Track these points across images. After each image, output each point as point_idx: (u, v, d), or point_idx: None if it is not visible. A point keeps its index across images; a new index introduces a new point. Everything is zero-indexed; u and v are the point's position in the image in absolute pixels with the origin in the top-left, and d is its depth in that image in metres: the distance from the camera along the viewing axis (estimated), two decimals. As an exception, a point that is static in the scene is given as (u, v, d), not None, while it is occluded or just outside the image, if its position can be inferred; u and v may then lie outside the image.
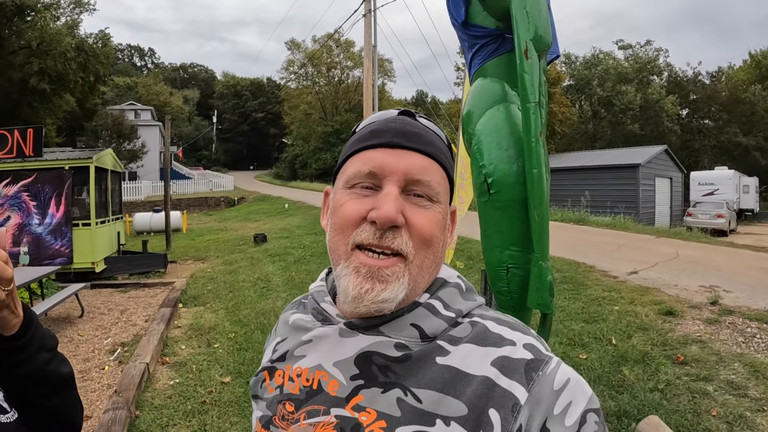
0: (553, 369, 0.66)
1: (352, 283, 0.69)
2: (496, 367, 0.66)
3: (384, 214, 0.67)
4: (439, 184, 0.74)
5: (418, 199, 0.72)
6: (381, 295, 0.68)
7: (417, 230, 0.70)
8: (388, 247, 0.69)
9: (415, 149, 0.73)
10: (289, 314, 0.88)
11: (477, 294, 0.81)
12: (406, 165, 0.72)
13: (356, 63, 51.58)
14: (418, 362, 0.69)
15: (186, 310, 7.63)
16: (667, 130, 40.69)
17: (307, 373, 0.76)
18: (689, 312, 6.42)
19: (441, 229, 0.74)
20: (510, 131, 2.39)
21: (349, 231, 0.71)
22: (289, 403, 0.76)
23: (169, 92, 66.48)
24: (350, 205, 0.72)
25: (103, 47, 28.55)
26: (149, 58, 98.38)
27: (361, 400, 0.69)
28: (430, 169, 0.73)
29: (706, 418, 3.94)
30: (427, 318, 0.72)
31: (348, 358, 0.72)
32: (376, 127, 0.77)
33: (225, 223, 21.57)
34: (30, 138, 9.75)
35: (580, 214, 18.82)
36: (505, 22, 2.46)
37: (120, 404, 4.13)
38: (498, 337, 0.70)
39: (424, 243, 0.71)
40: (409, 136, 0.74)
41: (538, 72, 2.26)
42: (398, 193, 0.70)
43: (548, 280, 2.26)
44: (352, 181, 0.74)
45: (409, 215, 0.70)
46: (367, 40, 14.38)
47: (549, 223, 2.31)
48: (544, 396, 0.63)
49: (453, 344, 0.70)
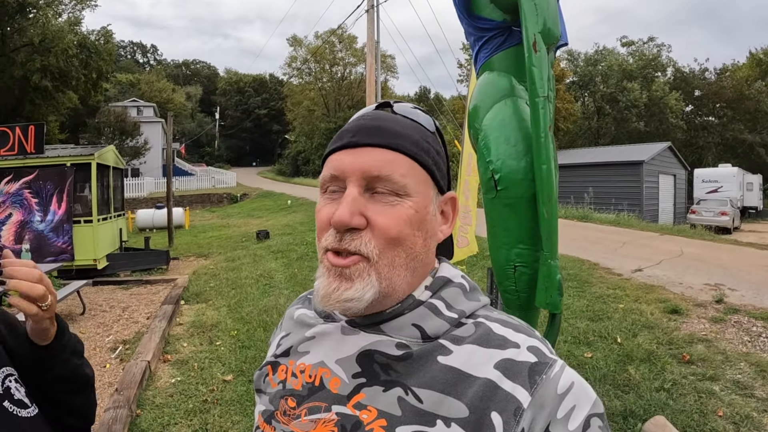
0: (557, 373, 0.65)
1: (323, 283, 0.70)
2: (499, 369, 0.65)
3: (337, 218, 0.68)
4: (405, 176, 0.71)
5: (383, 196, 0.70)
6: (345, 294, 0.68)
7: (380, 230, 0.69)
8: (346, 250, 0.69)
9: (374, 144, 0.71)
10: (294, 309, 0.89)
11: (482, 294, 0.79)
12: (363, 163, 0.70)
13: (359, 59, 51.52)
14: (420, 361, 0.68)
15: (188, 308, 7.61)
16: (672, 127, 40.56)
17: (310, 369, 0.76)
18: (694, 310, 6.39)
19: (413, 224, 0.71)
20: (518, 126, 2.34)
21: (321, 236, 0.72)
22: (291, 398, 0.76)
23: (171, 89, 66.42)
24: (322, 211, 0.73)
25: (106, 44, 28.50)
26: (152, 55, 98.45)
27: (363, 398, 0.69)
28: (394, 162, 0.70)
29: (713, 418, 3.91)
30: (429, 318, 0.71)
31: (350, 356, 0.72)
32: (343, 128, 0.77)
33: (227, 220, 21.57)
34: (31, 135, 9.72)
35: (583, 211, 18.79)
36: (512, 14, 2.40)
37: (121, 403, 4.10)
38: (502, 339, 0.69)
39: (390, 242, 0.69)
40: (369, 131, 0.73)
41: (547, 66, 2.21)
42: (357, 193, 0.69)
43: (557, 279, 2.21)
44: (324, 185, 0.75)
45: (372, 215, 0.69)
46: (370, 36, 14.33)
47: (558, 220, 2.26)
48: (548, 400, 0.62)
49: (456, 344, 0.69)
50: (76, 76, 26.09)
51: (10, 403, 0.87)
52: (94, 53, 27.15)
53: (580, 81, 43.99)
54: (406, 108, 0.80)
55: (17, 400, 0.89)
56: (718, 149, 42.32)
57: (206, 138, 70.77)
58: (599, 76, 42.03)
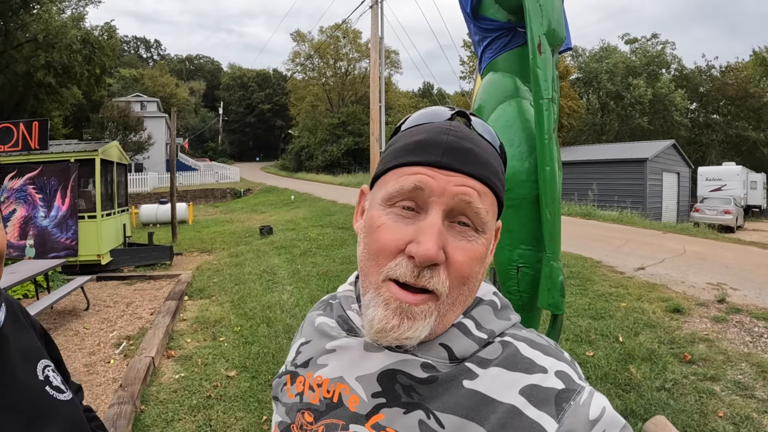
0: (586, 399, 0.62)
1: (379, 315, 0.65)
2: (525, 396, 0.62)
3: (424, 252, 0.61)
4: (488, 213, 0.67)
5: (464, 228, 0.66)
6: (406, 333, 0.64)
7: (456, 269, 0.64)
8: (423, 287, 0.64)
9: (468, 173, 0.66)
10: (316, 315, 0.86)
11: (513, 311, 0.76)
12: (454, 190, 0.64)
13: (363, 54, 51.45)
14: (444, 385, 0.65)
15: (192, 303, 7.63)
16: (677, 124, 40.42)
17: (328, 384, 0.74)
18: (696, 310, 6.39)
19: (481, 263, 0.67)
20: (522, 127, 2.35)
21: (384, 261, 0.66)
22: (309, 412, 0.74)
23: (175, 84, 66.47)
24: (387, 232, 0.66)
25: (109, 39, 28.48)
26: (155, 50, 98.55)
27: (382, 419, 0.66)
28: (482, 196, 0.66)
29: (713, 418, 3.92)
30: (458, 339, 0.68)
31: (371, 374, 0.70)
32: (424, 138, 0.68)
33: (231, 215, 21.57)
34: (35, 131, 9.74)
35: (586, 208, 18.76)
36: (517, 15, 2.41)
37: (125, 399, 4.13)
38: (529, 363, 0.65)
39: (461, 281, 0.65)
40: (462, 154, 0.66)
41: (551, 67, 2.21)
42: (441, 223, 0.64)
43: (560, 280, 2.22)
44: (393, 198, 0.67)
45: (451, 251, 0.64)
46: (374, 32, 14.31)
47: (561, 221, 2.27)
48: (579, 426, 0.59)
49: (482, 367, 0.66)
50: (79, 71, 26.09)
51: (50, 389, 1.00)
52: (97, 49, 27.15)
53: (585, 78, 43.84)
54: (486, 128, 0.73)
55: (56, 386, 1.01)
56: (722, 147, 42.15)
57: (210, 133, 70.84)
58: (604, 73, 41.84)
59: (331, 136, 47.85)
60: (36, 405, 0.95)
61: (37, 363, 1.02)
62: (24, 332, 1.07)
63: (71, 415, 1.01)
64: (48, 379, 1.01)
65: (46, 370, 1.03)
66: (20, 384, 0.95)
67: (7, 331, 0.99)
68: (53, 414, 0.97)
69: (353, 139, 46.53)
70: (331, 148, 46.96)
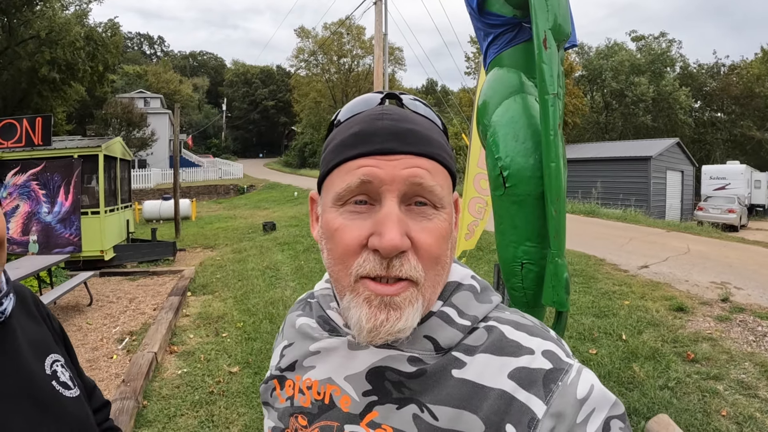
0: (574, 378, 0.61)
1: (365, 315, 0.63)
2: (514, 379, 0.61)
3: (388, 243, 0.59)
4: (443, 188, 0.65)
5: (422, 208, 0.64)
6: (397, 325, 0.62)
7: (425, 250, 0.63)
8: (396, 276, 0.62)
9: (413, 152, 0.64)
10: (295, 316, 0.84)
11: (493, 292, 0.75)
12: (403, 174, 0.62)
13: (367, 51, 51.38)
14: (434, 377, 0.65)
15: (194, 299, 7.64)
16: (681, 122, 40.27)
17: (318, 385, 0.73)
18: (700, 308, 6.37)
19: (447, 240, 0.66)
20: (527, 123, 2.33)
21: (350, 261, 0.63)
22: (302, 416, 0.73)
23: (178, 80, 66.53)
24: (346, 232, 0.64)
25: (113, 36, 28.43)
26: (159, 46, 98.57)
27: (376, 417, 0.66)
28: (433, 172, 0.64)
29: (716, 418, 3.92)
30: (441, 329, 0.67)
31: (359, 373, 0.69)
32: (360, 128, 0.66)
33: (234, 211, 21.60)
34: (39, 127, 9.75)
35: (590, 206, 18.74)
36: (522, 10, 2.39)
37: (128, 394, 4.14)
38: (515, 346, 0.64)
39: (432, 260, 0.63)
40: (403, 135, 0.64)
41: (557, 63, 2.20)
42: (399, 209, 0.62)
43: (564, 277, 2.21)
44: (343, 198, 0.65)
45: (415, 235, 0.62)
46: (378, 29, 14.28)
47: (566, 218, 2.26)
48: (567, 407, 0.59)
49: (469, 354, 0.65)
50: (82, 68, 26.07)
51: (57, 384, 0.99)
52: (101, 46, 27.11)
53: (589, 75, 43.71)
54: (419, 104, 0.71)
55: (62, 382, 1.01)
56: (727, 146, 41.98)
57: (213, 129, 70.87)
58: (609, 71, 41.70)
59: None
60: (40, 398, 0.94)
61: (46, 356, 1.02)
62: (35, 324, 1.07)
63: (77, 412, 1.00)
64: (55, 374, 1.01)
65: (55, 365, 1.03)
66: (25, 375, 0.94)
67: (15, 321, 0.99)
68: (58, 409, 0.96)
69: (357, 136, 46.41)
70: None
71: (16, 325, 0.98)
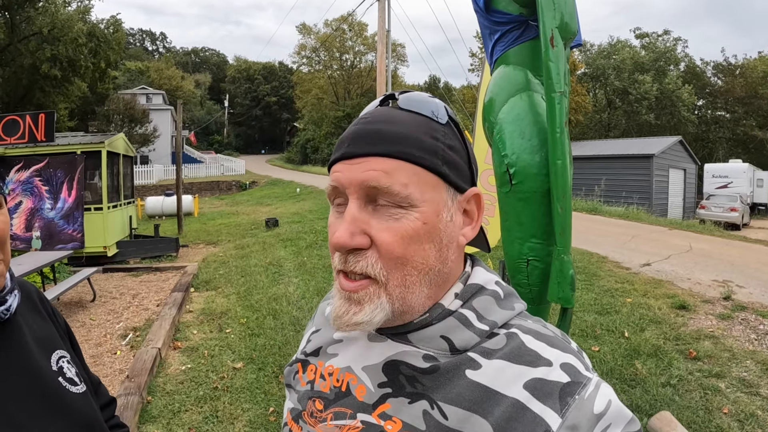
0: (591, 393, 0.61)
1: (336, 304, 0.69)
2: (528, 390, 0.61)
3: (336, 239, 0.64)
4: (407, 186, 0.64)
5: (385, 209, 0.65)
6: (354, 318, 0.66)
7: (385, 249, 0.64)
8: (352, 272, 0.66)
9: (371, 153, 0.65)
10: (326, 304, 0.88)
11: (517, 300, 0.74)
12: (361, 176, 0.65)
13: (369, 47, 51.36)
14: (447, 374, 0.65)
15: (198, 295, 7.66)
16: (684, 120, 40.17)
17: (338, 373, 0.75)
18: (702, 306, 6.38)
19: (421, 238, 0.65)
20: (533, 120, 2.33)
21: (333, 256, 0.70)
22: (319, 400, 0.76)
23: (180, 76, 66.51)
24: (330, 229, 0.70)
25: (115, 33, 28.40)
26: (161, 43, 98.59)
27: (388, 409, 0.67)
28: (393, 171, 0.64)
29: (718, 415, 3.93)
30: (458, 330, 0.68)
31: (376, 364, 0.71)
32: (342, 135, 0.71)
33: (236, 207, 21.62)
34: (42, 123, 9.75)
35: (593, 204, 18.74)
36: (529, 8, 2.39)
37: (132, 390, 4.15)
38: (534, 356, 0.64)
39: (397, 261, 0.65)
40: (366, 139, 0.67)
41: (563, 61, 2.20)
42: (357, 210, 0.65)
43: (570, 274, 2.21)
44: (330, 200, 0.72)
45: (375, 233, 0.64)
46: (381, 25, 14.27)
47: (572, 215, 2.27)
48: (583, 421, 0.59)
49: (486, 357, 0.65)
50: (84, 65, 26.04)
51: (63, 380, 1.00)
52: (103, 42, 27.08)
53: (592, 73, 43.61)
54: (414, 100, 0.71)
55: (69, 378, 1.02)
56: (730, 144, 41.91)
57: (215, 125, 70.85)
58: (612, 69, 41.58)
59: (336, 129, 47.85)
60: (47, 395, 0.95)
61: (52, 353, 1.03)
62: (41, 320, 1.07)
63: (84, 408, 1.01)
64: (62, 371, 1.02)
65: (61, 361, 1.03)
66: (32, 372, 0.95)
67: (21, 317, 0.99)
68: (65, 406, 0.97)
69: (359, 132, 46.51)
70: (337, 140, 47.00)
71: (22, 322, 0.99)
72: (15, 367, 0.92)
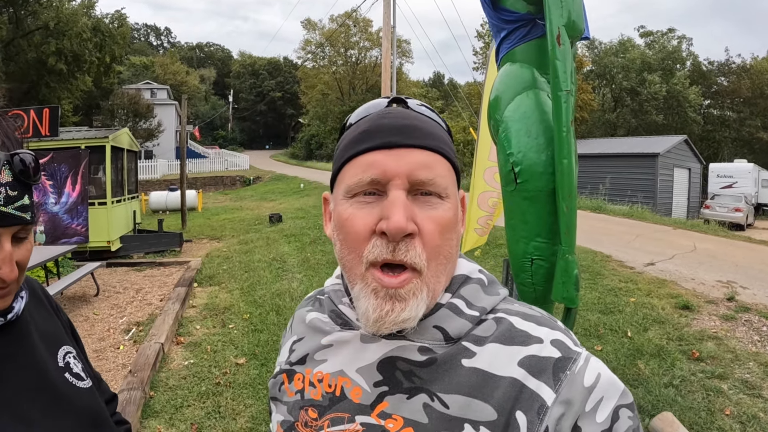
0: (581, 366, 0.63)
1: (372, 305, 0.66)
2: (524, 367, 0.63)
3: (394, 224, 0.63)
4: (445, 178, 0.69)
5: (427, 197, 0.67)
6: (401, 315, 0.65)
7: (429, 237, 0.66)
8: (401, 261, 0.64)
9: (416, 145, 0.68)
10: (305, 312, 0.86)
11: (500, 286, 0.77)
12: (408, 165, 0.67)
13: (374, 43, 51.29)
14: (444, 366, 0.67)
15: (201, 290, 7.67)
16: (690, 121, 40.02)
17: (329, 378, 0.74)
18: (706, 307, 6.37)
19: (453, 228, 0.69)
20: (539, 119, 2.33)
21: (361, 248, 0.67)
22: (312, 409, 0.74)
23: (185, 71, 66.52)
24: (356, 220, 0.68)
25: (120, 28, 28.42)
26: (165, 38, 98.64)
27: (386, 407, 0.68)
28: (435, 164, 0.68)
29: (720, 417, 3.93)
30: (450, 319, 0.69)
31: (370, 364, 0.71)
32: (367, 127, 0.71)
33: (240, 203, 21.65)
34: (46, 118, 9.76)
35: (597, 202, 18.70)
36: (536, 6, 2.39)
37: (135, 384, 4.17)
38: (524, 335, 0.67)
39: (436, 249, 0.66)
40: (407, 131, 0.69)
41: (570, 59, 2.20)
42: (405, 197, 0.66)
43: (575, 274, 2.21)
44: (353, 190, 0.69)
45: (420, 222, 0.66)
46: (386, 21, 14.25)
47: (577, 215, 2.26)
48: (575, 395, 0.61)
49: (478, 344, 0.67)
50: (89, 59, 26.08)
51: (70, 376, 1.00)
52: (108, 37, 27.11)
53: (599, 71, 43.47)
54: (421, 105, 0.76)
55: (75, 373, 1.02)
56: (735, 144, 41.76)
57: (220, 121, 70.95)
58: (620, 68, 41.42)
59: (341, 125, 47.85)
60: (55, 390, 0.95)
61: (58, 349, 1.03)
62: (47, 317, 1.08)
63: (90, 402, 1.02)
64: (68, 366, 1.02)
65: (67, 357, 1.04)
66: (41, 368, 0.95)
67: (28, 315, 0.99)
68: (72, 400, 0.97)
69: (363, 128, 46.61)
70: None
71: (29, 319, 0.99)
72: (24, 364, 0.93)
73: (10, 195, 0.83)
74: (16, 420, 0.86)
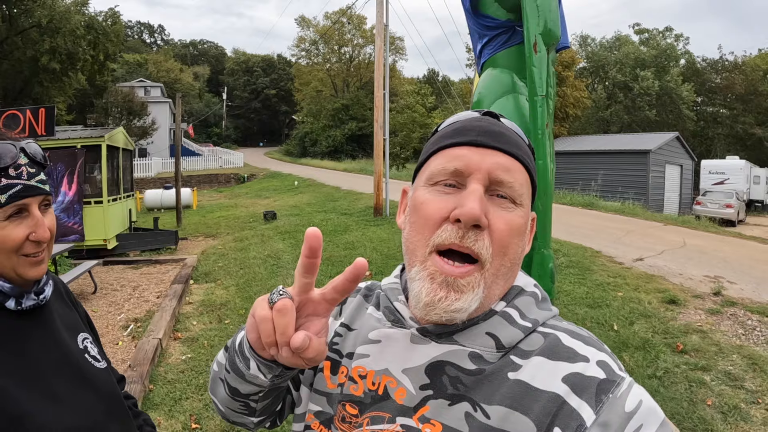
0: (624, 391, 0.63)
1: (426, 289, 0.68)
2: (567, 384, 0.63)
3: (469, 211, 0.65)
4: (522, 186, 0.72)
5: (502, 200, 0.70)
6: (454, 304, 0.67)
7: (498, 235, 0.68)
8: (469, 249, 0.67)
9: (500, 149, 0.71)
10: (361, 298, 0.89)
11: (551, 304, 0.79)
12: (490, 164, 0.70)
13: (368, 40, 51.29)
14: (490, 377, 0.67)
15: (197, 287, 7.77)
16: (684, 117, 40.14)
17: (373, 376, 0.74)
18: (692, 301, 6.49)
19: (521, 235, 0.71)
20: (518, 122, 2.44)
21: (430, 231, 0.70)
22: (351, 405, 0.75)
23: (179, 69, 66.31)
24: (432, 204, 0.71)
25: (113, 25, 28.31)
26: (159, 35, 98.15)
27: (427, 412, 0.68)
28: (515, 170, 0.71)
29: (702, 407, 4.03)
30: (503, 327, 0.71)
31: (419, 366, 0.71)
32: (461, 126, 0.75)
33: (235, 200, 21.67)
34: (42, 117, 9.81)
35: (589, 198, 18.81)
36: (516, 13, 2.50)
37: (134, 378, 4.27)
38: (571, 352, 0.67)
39: (502, 249, 0.68)
40: (495, 135, 0.72)
41: (546, 65, 2.31)
42: (483, 192, 0.68)
43: (550, 267, 2.34)
44: (435, 178, 0.72)
45: (492, 218, 0.68)
46: (379, 19, 14.30)
47: (552, 212, 2.38)
48: (614, 419, 0.60)
49: (524, 358, 0.68)
50: (83, 57, 25.98)
51: (89, 357, 1.14)
52: (101, 34, 27.00)
53: (592, 67, 43.55)
54: (512, 123, 0.79)
55: (93, 356, 1.15)
56: (728, 141, 41.85)
57: (214, 118, 70.64)
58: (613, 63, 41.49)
59: (335, 122, 47.86)
60: (79, 368, 1.08)
61: (77, 335, 1.16)
62: (66, 308, 1.21)
63: (107, 381, 1.15)
64: (87, 349, 1.15)
65: (85, 342, 1.17)
66: (64, 349, 1.08)
67: (52, 304, 1.13)
68: (93, 379, 1.10)
69: (357, 125, 46.64)
70: (335, 133, 47.01)
71: (53, 308, 1.13)
72: (51, 345, 1.05)
73: (30, 172, 1.00)
74: (44, 394, 0.97)
